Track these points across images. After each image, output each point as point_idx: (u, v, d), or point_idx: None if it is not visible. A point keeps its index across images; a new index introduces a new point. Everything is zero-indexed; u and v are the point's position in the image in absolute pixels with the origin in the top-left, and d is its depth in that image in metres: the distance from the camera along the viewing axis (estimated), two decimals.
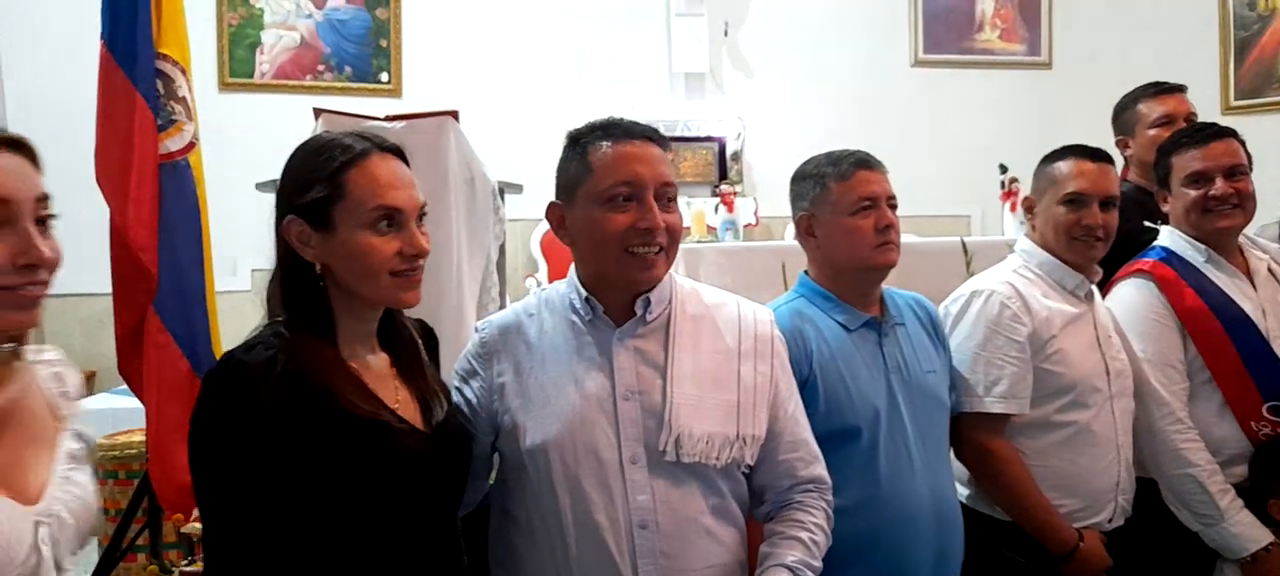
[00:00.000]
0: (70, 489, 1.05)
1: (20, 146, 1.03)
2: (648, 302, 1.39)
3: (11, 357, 1.07)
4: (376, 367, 1.25)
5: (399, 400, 1.24)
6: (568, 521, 1.30)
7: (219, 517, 1.12)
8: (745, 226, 4.78)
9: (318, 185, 1.18)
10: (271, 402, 1.10)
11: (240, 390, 1.11)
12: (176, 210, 2.33)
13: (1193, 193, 2.03)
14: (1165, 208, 2.12)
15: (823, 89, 5.75)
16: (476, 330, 1.45)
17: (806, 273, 1.80)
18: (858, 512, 1.53)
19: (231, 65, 5.29)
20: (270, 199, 3.00)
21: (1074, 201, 1.91)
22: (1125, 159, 2.53)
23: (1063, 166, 1.95)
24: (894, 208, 1.73)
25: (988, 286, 1.92)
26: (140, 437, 2.84)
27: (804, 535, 1.38)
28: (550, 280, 5.53)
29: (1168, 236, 2.09)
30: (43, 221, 1.03)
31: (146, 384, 2.35)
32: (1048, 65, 6.05)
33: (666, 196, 1.37)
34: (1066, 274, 1.94)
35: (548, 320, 1.41)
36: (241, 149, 4.32)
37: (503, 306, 3.11)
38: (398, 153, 1.24)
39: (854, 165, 1.71)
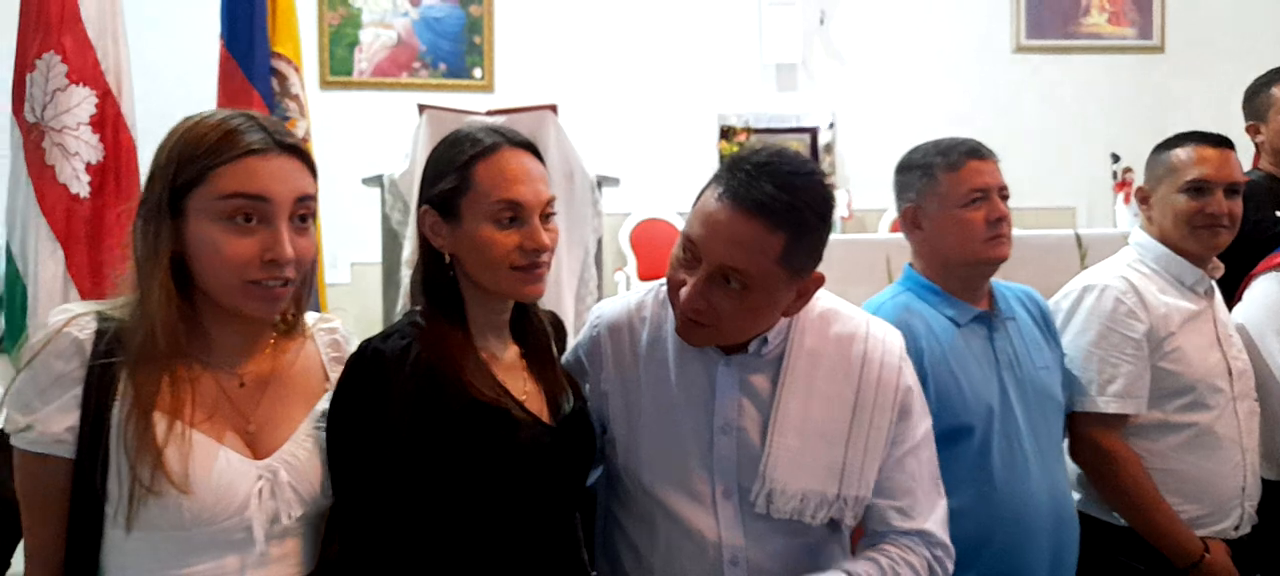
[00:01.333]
0: (306, 446, 1.15)
1: (295, 150, 1.13)
2: (764, 339, 1.29)
3: (290, 327, 1.20)
4: (506, 359, 1.27)
5: (527, 392, 1.26)
6: (660, 543, 1.28)
7: (353, 498, 1.17)
8: (840, 219, 4.72)
9: (448, 176, 1.22)
10: (404, 390, 1.14)
11: (376, 377, 1.15)
12: None
13: None
14: None
15: (919, 77, 5.61)
16: (592, 324, 1.42)
17: (911, 265, 1.75)
18: (971, 513, 1.48)
19: (331, 64, 5.47)
20: (370, 193, 3.09)
21: (1197, 189, 1.82)
22: (1256, 145, 2.39)
23: (1181, 153, 1.86)
24: (1006, 199, 1.67)
25: (1101, 281, 1.85)
26: None
27: (883, 560, 1.26)
28: (639, 275, 5.55)
29: None
30: (303, 219, 1.12)
31: None
32: (1160, 49, 5.78)
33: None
34: (1185, 269, 1.85)
35: (662, 325, 1.35)
36: (340, 145, 4.47)
37: (599, 299, 3.13)
38: (531, 148, 1.25)
39: (965, 154, 1.65)
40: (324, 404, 1.19)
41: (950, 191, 1.64)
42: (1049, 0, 5.71)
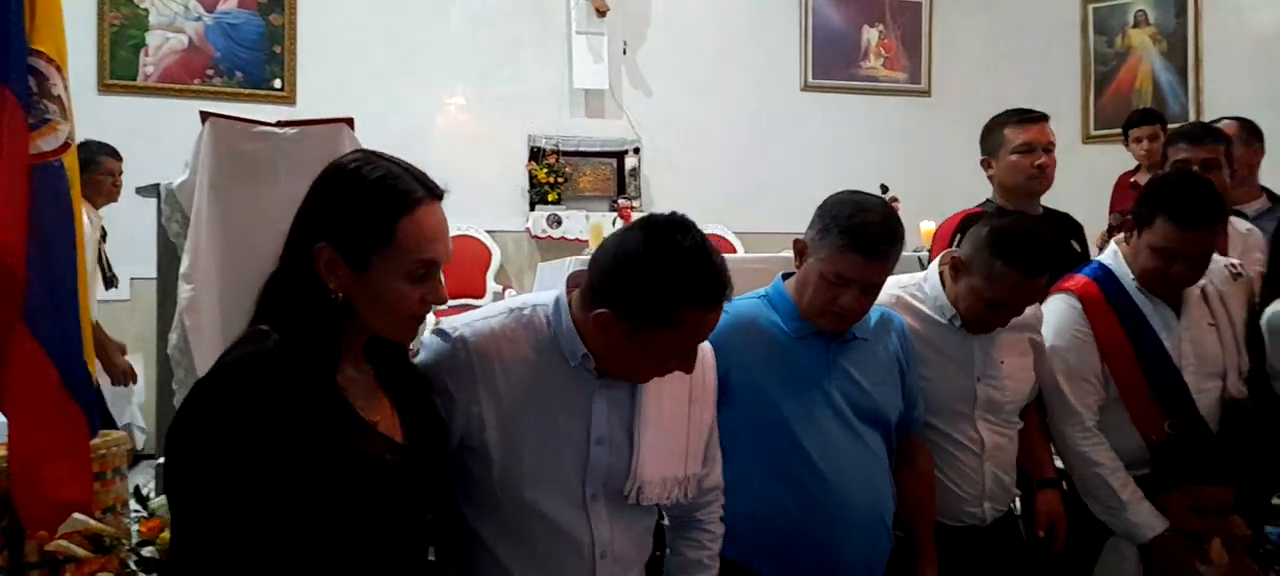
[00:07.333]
0: None
1: (441, 197, 1.23)
2: None
3: None
4: (361, 380, 1.25)
5: (380, 414, 1.25)
6: (538, 553, 1.39)
7: (190, 516, 1.13)
8: None
9: (366, 226, 1.18)
10: (253, 413, 1.10)
11: (222, 398, 1.12)
12: (50, 213, 2.22)
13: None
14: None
15: (718, 109, 5.89)
16: (449, 342, 1.39)
17: (783, 277, 1.84)
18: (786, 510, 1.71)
19: (112, 66, 5.10)
20: (149, 204, 2.90)
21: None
22: (989, 178, 2.64)
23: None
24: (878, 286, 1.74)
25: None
26: None
27: (706, 556, 1.60)
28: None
29: (1111, 256, 2.16)
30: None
31: (10, 396, 2.23)
32: (927, 93, 6.38)
33: None
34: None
35: (527, 349, 1.40)
36: (121, 153, 4.16)
37: None
38: (441, 196, 1.25)
39: (849, 243, 1.66)
40: None
41: (826, 259, 1.68)
42: (833, 44, 6.20)
